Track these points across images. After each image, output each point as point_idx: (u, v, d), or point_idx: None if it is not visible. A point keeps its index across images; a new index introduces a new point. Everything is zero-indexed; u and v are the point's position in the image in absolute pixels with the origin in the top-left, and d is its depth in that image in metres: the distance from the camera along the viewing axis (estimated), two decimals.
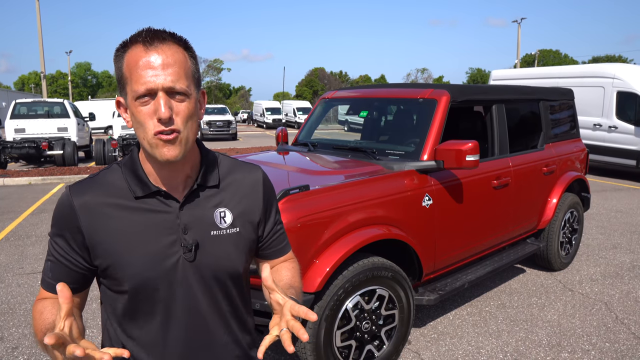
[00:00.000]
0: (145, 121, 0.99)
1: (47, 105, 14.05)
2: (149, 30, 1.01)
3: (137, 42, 1.00)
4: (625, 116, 10.36)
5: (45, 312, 1.03)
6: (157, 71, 0.97)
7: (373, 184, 2.95)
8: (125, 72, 1.00)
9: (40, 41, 24.79)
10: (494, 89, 4.00)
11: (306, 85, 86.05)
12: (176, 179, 1.10)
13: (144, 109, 0.99)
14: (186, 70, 1.01)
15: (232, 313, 1.18)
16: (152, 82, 0.97)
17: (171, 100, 1.00)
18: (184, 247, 1.08)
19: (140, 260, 1.05)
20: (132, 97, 0.99)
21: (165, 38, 1.00)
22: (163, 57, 0.98)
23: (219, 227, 1.12)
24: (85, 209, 1.06)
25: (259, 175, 1.23)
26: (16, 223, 6.86)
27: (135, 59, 0.99)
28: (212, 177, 1.15)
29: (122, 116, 1.08)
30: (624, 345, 3.37)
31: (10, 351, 3.33)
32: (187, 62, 1.02)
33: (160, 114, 0.97)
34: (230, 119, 23.74)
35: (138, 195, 1.07)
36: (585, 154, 5.05)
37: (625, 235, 6.11)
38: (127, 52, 1.00)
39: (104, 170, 1.13)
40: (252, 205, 1.19)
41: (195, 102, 1.04)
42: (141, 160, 1.11)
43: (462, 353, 3.29)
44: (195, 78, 1.05)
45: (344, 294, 2.69)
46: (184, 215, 1.09)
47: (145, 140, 1.01)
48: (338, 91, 4.53)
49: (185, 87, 1.00)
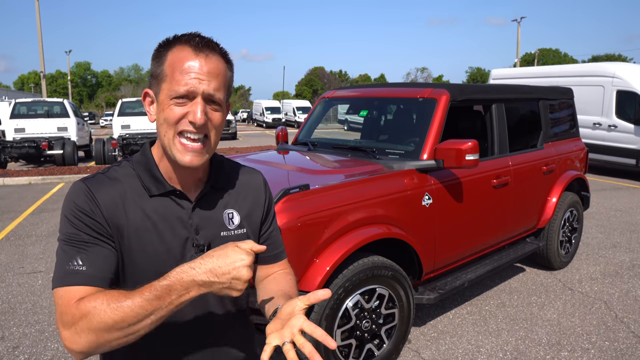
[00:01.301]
0: (175, 120, 1.01)
1: (47, 104, 14.06)
2: (200, 36, 1.04)
3: (187, 43, 1.01)
4: (625, 115, 10.36)
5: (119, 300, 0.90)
6: (202, 76, 0.99)
7: (373, 183, 2.96)
8: (167, 69, 1.01)
9: (40, 41, 24.78)
10: (493, 88, 4.01)
11: (306, 84, 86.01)
12: (190, 180, 1.12)
13: (177, 109, 1.00)
14: (225, 82, 1.05)
15: (236, 313, 1.21)
16: (195, 85, 0.99)
17: (207, 107, 1.02)
18: (196, 246, 1.09)
19: (152, 259, 1.06)
20: (168, 95, 1.01)
21: (215, 48, 1.03)
22: (210, 66, 1.01)
23: (228, 228, 1.15)
24: (105, 201, 1.03)
25: (260, 179, 1.27)
26: (16, 223, 6.86)
27: (181, 60, 1.00)
28: (221, 179, 1.17)
29: (145, 108, 1.09)
30: (623, 344, 3.37)
31: (11, 350, 3.34)
32: (227, 74, 1.06)
33: (196, 119, 0.99)
34: (230, 119, 23.74)
35: (153, 193, 1.08)
36: (585, 153, 5.06)
37: (624, 234, 6.12)
38: (172, 50, 1.02)
39: (114, 167, 1.12)
40: (256, 208, 1.22)
41: (225, 114, 1.08)
42: (156, 158, 1.11)
43: (462, 352, 3.29)
44: (229, 92, 1.09)
45: (344, 293, 2.69)
46: (195, 215, 1.11)
47: (167, 139, 1.02)
48: (338, 90, 4.54)
49: (222, 99, 1.04)
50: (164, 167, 1.10)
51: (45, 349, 3.36)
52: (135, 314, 0.88)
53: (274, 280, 1.23)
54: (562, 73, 11.65)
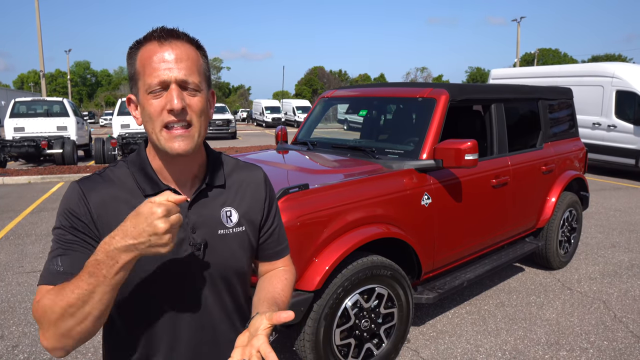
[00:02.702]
0: (156, 114, 1.01)
1: (47, 104, 14.04)
2: (163, 28, 1.04)
3: (151, 38, 1.02)
4: (625, 115, 10.37)
5: (64, 287, 0.91)
6: (170, 64, 1.00)
7: (372, 183, 2.96)
8: (139, 67, 1.02)
9: (40, 40, 24.75)
10: (493, 88, 4.01)
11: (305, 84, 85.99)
12: (185, 178, 1.11)
13: (155, 101, 1.01)
14: (198, 66, 1.04)
15: (236, 311, 1.20)
16: (166, 74, 0.99)
17: (183, 93, 1.01)
18: (192, 245, 1.09)
19: (148, 259, 1.05)
20: (144, 90, 1.01)
21: (179, 35, 1.04)
22: (177, 52, 1.01)
23: (225, 226, 1.14)
24: (96, 202, 1.05)
25: (260, 175, 1.26)
26: (16, 222, 6.86)
27: (149, 54, 1.01)
28: (218, 177, 1.16)
29: (132, 114, 1.10)
30: (622, 344, 3.38)
31: (10, 349, 3.34)
32: (199, 59, 1.05)
33: (173, 105, 0.99)
34: (230, 118, 23.73)
35: (147, 193, 1.07)
36: (584, 152, 5.06)
37: (624, 234, 6.13)
38: (140, 49, 1.03)
39: (110, 167, 1.13)
40: (255, 205, 1.21)
41: (206, 99, 1.07)
42: (149, 157, 1.11)
43: (460, 351, 3.30)
44: (207, 76, 1.08)
45: (343, 293, 2.70)
46: (192, 214, 1.10)
47: (154, 133, 1.03)
48: (337, 90, 4.54)
49: (197, 82, 1.03)
50: (158, 166, 1.10)
51: (45, 349, 3.36)
52: (77, 297, 0.89)
53: (269, 280, 1.23)
54: (562, 73, 11.66)
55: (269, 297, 1.14)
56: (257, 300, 1.14)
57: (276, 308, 1.10)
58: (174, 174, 1.10)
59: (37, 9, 24.61)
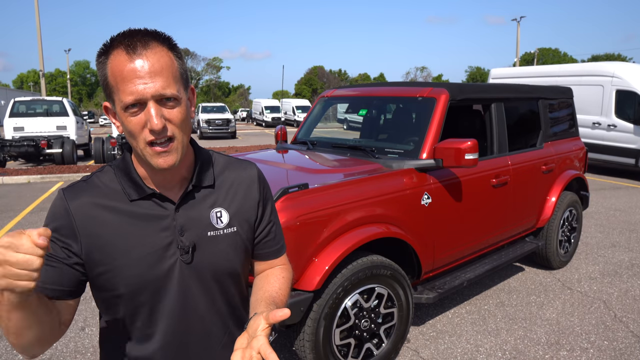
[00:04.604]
0: (137, 132, 0.96)
1: (46, 103, 14.02)
2: (129, 33, 0.96)
3: (118, 47, 0.95)
4: (625, 115, 10.36)
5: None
6: (144, 79, 0.93)
7: (372, 183, 2.95)
8: (111, 81, 0.96)
9: (39, 39, 24.74)
10: (493, 87, 4.00)
11: (305, 83, 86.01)
12: (171, 181, 1.09)
13: (134, 119, 0.96)
14: (174, 73, 0.97)
15: (230, 313, 1.18)
16: (140, 91, 0.93)
17: (162, 109, 0.96)
18: (180, 249, 1.06)
19: (136, 264, 1.04)
20: (121, 107, 0.96)
21: (148, 42, 0.95)
22: (149, 64, 0.94)
23: (215, 227, 1.11)
24: (80, 212, 1.03)
25: (254, 173, 1.21)
26: (15, 221, 6.85)
27: (119, 68, 0.94)
28: (207, 177, 1.13)
29: (112, 122, 1.05)
30: (622, 344, 3.37)
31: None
32: (173, 64, 0.98)
33: (153, 126, 0.94)
34: (230, 118, 23.74)
35: (133, 198, 1.05)
36: (584, 152, 5.06)
37: (624, 234, 6.12)
38: (109, 59, 0.96)
39: (96, 173, 1.11)
40: (248, 204, 1.17)
41: (186, 105, 1.01)
42: (134, 162, 1.09)
43: (460, 351, 3.29)
44: (184, 78, 1.02)
45: (343, 292, 2.69)
46: (180, 216, 1.07)
47: (138, 148, 0.99)
48: (337, 89, 4.53)
49: (176, 92, 0.97)
50: (142, 172, 1.08)
51: None
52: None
53: (266, 279, 1.20)
54: (562, 72, 11.65)
55: (266, 297, 1.12)
56: (254, 301, 1.12)
57: (274, 307, 1.08)
58: (161, 179, 1.08)
59: (37, 9, 24.59)
